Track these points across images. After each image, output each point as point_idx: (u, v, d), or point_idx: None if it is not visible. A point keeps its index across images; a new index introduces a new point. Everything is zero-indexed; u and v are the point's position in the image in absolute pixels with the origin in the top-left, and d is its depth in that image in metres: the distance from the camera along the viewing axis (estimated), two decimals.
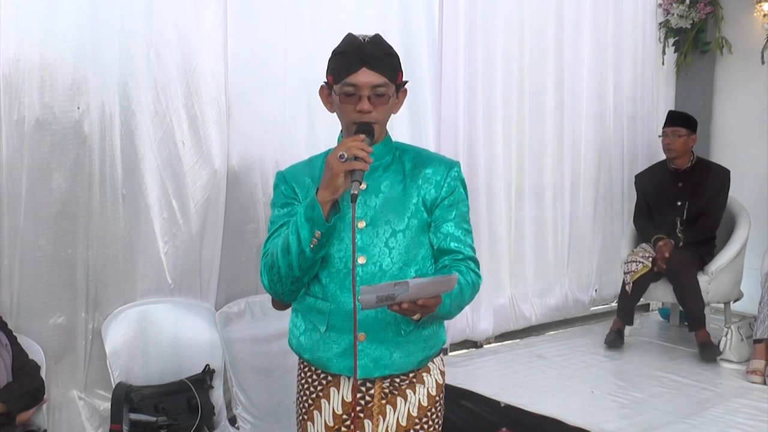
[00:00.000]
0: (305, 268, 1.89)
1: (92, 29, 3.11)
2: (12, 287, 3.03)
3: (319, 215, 1.81)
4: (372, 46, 1.89)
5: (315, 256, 1.87)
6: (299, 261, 1.86)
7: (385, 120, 1.96)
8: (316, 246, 1.84)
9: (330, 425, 2.00)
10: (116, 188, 3.26)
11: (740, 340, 4.13)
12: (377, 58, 1.88)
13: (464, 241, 1.98)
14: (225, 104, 3.51)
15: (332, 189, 1.80)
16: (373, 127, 1.89)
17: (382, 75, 1.88)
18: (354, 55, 1.88)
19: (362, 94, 1.88)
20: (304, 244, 1.83)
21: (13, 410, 2.72)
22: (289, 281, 1.91)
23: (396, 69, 1.93)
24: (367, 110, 1.88)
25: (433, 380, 2.03)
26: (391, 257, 1.92)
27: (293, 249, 1.85)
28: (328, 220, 1.82)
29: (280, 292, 1.95)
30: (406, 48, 3.92)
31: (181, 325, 3.45)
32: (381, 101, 1.90)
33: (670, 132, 4.55)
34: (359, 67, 1.87)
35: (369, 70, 1.87)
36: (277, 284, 1.93)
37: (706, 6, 5.43)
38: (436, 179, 1.97)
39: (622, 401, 3.59)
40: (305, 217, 1.83)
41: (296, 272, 1.88)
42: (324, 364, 1.98)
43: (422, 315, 1.81)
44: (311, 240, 1.82)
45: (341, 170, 1.78)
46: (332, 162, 1.79)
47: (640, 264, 4.37)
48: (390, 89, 1.91)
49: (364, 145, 1.81)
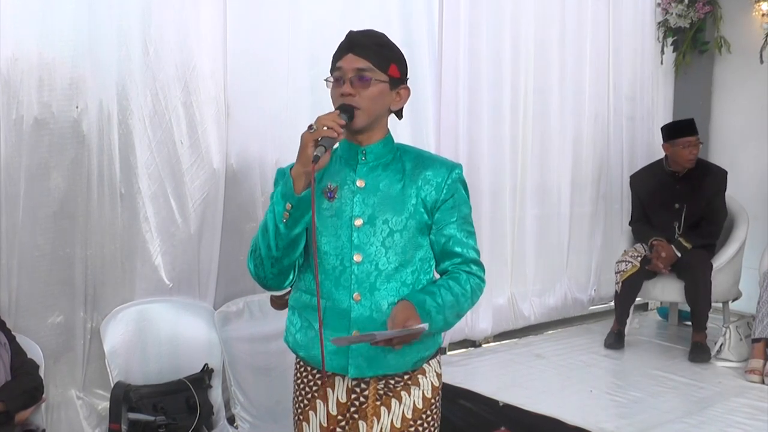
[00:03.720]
0: (282, 247, 1.88)
1: (90, 28, 3.11)
2: (10, 286, 3.03)
3: (290, 188, 1.82)
4: (361, 35, 1.93)
5: (290, 233, 1.86)
6: (276, 239, 1.86)
7: (372, 108, 1.92)
8: (289, 221, 1.84)
9: (324, 426, 2.00)
10: (114, 187, 3.26)
11: (739, 339, 4.13)
12: (363, 45, 1.90)
13: (467, 244, 1.97)
14: (224, 103, 3.51)
15: (303, 161, 1.80)
16: (354, 111, 1.89)
17: (365, 59, 1.89)
18: (343, 44, 1.93)
19: (345, 78, 1.90)
20: (278, 220, 1.84)
21: (12, 409, 2.72)
22: (269, 263, 1.91)
23: (386, 58, 1.93)
24: (347, 92, 1.88)
25: (428, 382, 2.01)
26: (387, 257, 1.91)
27: (270, 227, 1.86)
28: (299, 193, 1.82)
29: (263, 276, 1.95)
30: (406, 47, 3.81)
31: (179, 325, 3.45)
32: (363, 84, 1.89)
33: (694, 141, 4.42)
34: (346, 53, 1.91)
35: (354, 55, 1.90)
36: (260, 268, 1.93)
37: (705, 5, 5.42)
38: (436, 181, 1.96)
39: (621, 400, 3.59)
40: (281, 194, 1.85)
41: (274, 251, 1.88)
42: (318, 362, 1.96)
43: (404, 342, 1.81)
44: (284, 214, 1.83)
45: (310, 140, 1.79)
46: (303, 135, 1.81)
47: (629, 264, 4.37)
48: (375, 74, 1.90)
49: (335, 116, 1.82)
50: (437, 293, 1.88)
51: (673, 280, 4.40)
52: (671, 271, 4.36)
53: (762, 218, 4.95)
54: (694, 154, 4.46)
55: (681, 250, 4.32)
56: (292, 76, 3.68)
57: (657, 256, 4.32)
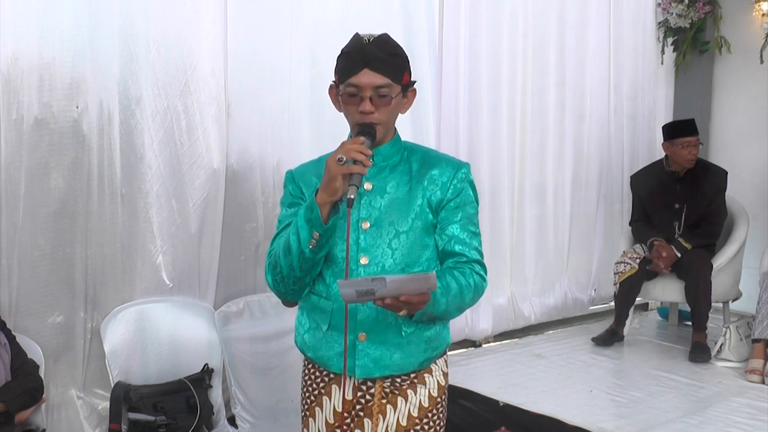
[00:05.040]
0: (306, 269, 1.89)
1: (91, 28, 3.11)
2: (11, 286, 3.03)
3: (317, 217, 1.81)
4: (375, 46, 1.89)
5: (315, 257, 1.87)
6: (300, 262, 1.87)
7: (390, 120, 1.95)
8: (315, 247, 1.84)
9: (330, 423, 2.01)
10: (115, 187, 3.25)
11: (739, 339, 4.13)
12: (379, 59, 1.87)
13: (469, 244, 1.96)
14: (225, 103, 3.51)
15: (330, 191, 1.80)
16: (375, 129, 1.89)
17: (384, 76, 1.87)
18: (357, 56, 1.88)
19: (364, 95, 1.88)
20: (303, 245, 1.84)
21: (12, 409, 2.71)
22: (291, 281, 1.92)
23: (400, 69, 1.92)
24: (369, 111, 1.88)
25: (434, 381, 2.02)
26: (393, 258, 1.91)
27: (294, 250, 1.86)
28: (326, 222, 1.82)
29: (284, 292, 1.97)
30: (407, 47, 3.85)
31: (179, 325, 3.45)
32: (383, 102, 1.89)
33: (693, 142, 4.43)
34: (361, 68, 1.87)
35: (371, 71, 1.87)
36: (280, 284, 1.94)
37: (705, 5, 5.43)
38: (442, 180, 1.96)
39: (621, 400, 3.59)
40: (305, 219, 1.84)
41: (297, 272, 1.89)
42: (325, 363, 1.98)
43: (409, 311, 1.79)
44: (310, 241, 1.83)
45: (339, 173, 1.78)
46: (331, 165, 1.79)
47: (628, 265, 4.37)
48: (393, 90, 1.90)
49: (363, 148, 1.80)
50: (443, 277, 1.88)
51: (673, 280, 4.40)
52: (671, 271, 4.37)
53: (762, 218, 4.96)
54: (694, 155, 4.45)
55: (681, 250, 4.32)
56: (293, 76, 3.68)
57: (658, 255, 4.32)
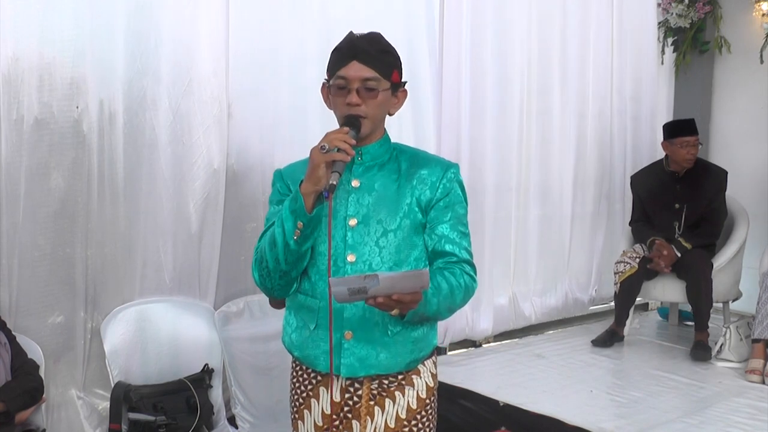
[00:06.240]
0: (291, 262, 1.88)
1: (91, 28, 3.11)
2: (11, 286, 3.03)
3: (301, 207, 1.82)
4: (364, 41, 1.91)
5: (300, 249, 1.86)
6: (285, 254, 1.87)
7: (377, 116, 1.94)
8: (300, 238, 1.84)
9: (319, 425, 2.00)
10: (115, 187, 3.26)
11: (739, 339, 4.13)
12: (368, 53, 1.89)
13: (459, 244, 1.96)
14: (225, 103, 3.51)
15: (314, 180, 1.81)
16: (361, 121, 1.90)
17: (372, 69, 1.89)
18: (346, 50, 1.91)
19: (351, 87, 1.89)
20: (288, 237, 1.84)
21: (12, 409, 2.72)
22: (278, 275, 1.91)
23: (389, 66, 1.93)
24: (355, 103, 1.89)
25: (423, 383, 2.01)
26: (381, 257, 1.90)
27: (279, 242, 1.86)
28: (309, 211, 1.82)
29: (270, 287, 1.96)
30: (407, 47, 3.91)
31: (179, 325, 3.45)
32: (370, 95, 1.90)
33: (693, 141, 4.42)
34: (349, 61, 1.89)
35: (359, 63, 1.88)
36: (267, 279, 1.94)
37: (705, 5, 5.43)
38: (431, 180, 1.96)
39: (621, 400, 3.59)
40: (289, 210, 1.84)
41: (283, 266, 1.89)
42: (312, 362, 1.97)
43: (402, 311, 1.79)
44: (295, 231, 1.83)
45: (322, 161, 1.79)
46: (314, 153, 1.81)
47: (628, 265, 4.37)
48: (381, 84, 1.91)
49: (347, 137, 1.82)
50: (434, 278, 1.87)
51: (673, 280, 4.40)
52: (671, 271, 4.37)
53: (762, 218, 4.95)
54: (693, 155, 4.45)
55: (681, 250, 4.32)
56: (294, 76, 3.68)
57: (658, 254, 4.32)
